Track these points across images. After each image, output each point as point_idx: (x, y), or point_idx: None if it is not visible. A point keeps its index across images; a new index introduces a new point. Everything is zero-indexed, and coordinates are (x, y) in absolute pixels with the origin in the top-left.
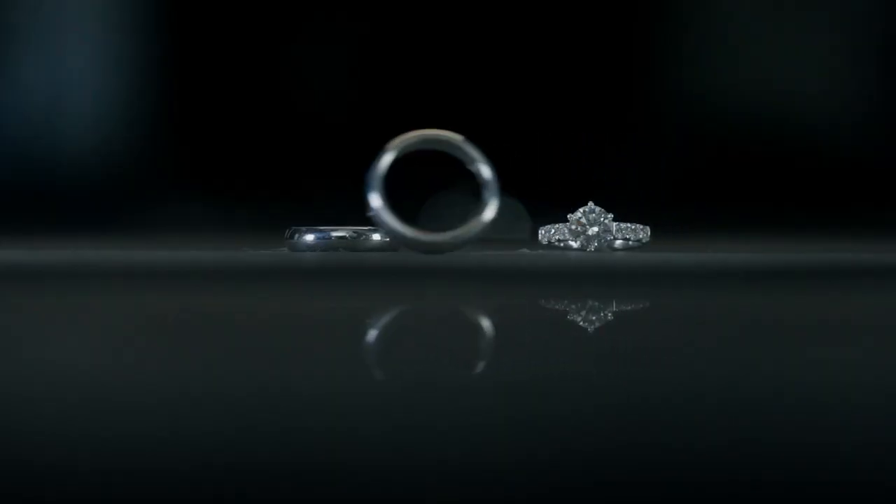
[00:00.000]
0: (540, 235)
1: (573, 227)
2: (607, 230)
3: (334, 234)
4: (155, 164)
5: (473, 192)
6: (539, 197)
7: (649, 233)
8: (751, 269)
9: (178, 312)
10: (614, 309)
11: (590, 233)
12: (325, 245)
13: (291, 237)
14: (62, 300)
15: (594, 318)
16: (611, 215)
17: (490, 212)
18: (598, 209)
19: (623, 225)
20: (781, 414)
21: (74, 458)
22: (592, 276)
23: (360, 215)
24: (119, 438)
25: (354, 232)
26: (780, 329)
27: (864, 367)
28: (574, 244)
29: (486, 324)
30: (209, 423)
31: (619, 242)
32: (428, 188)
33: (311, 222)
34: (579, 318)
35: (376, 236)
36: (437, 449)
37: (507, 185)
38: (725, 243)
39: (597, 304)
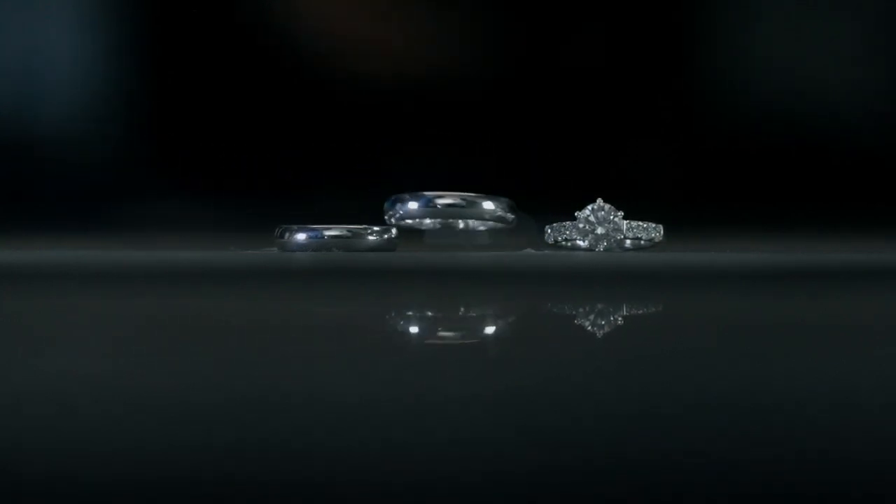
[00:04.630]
0: (546, 235)
1: (581, 225)
2: (617, 229)
3: (327, 232)
4: (138, 160)
5: None
6: (545, 193)
7: (662, 232)
8: (767, 269)
9: (160, 316)
10: (624, 313)
11: (599, 232)
12: (318, 244)
13: (282, 236)
14: (43, 301)
15: (602, 322)
16: (621, 213)
17: None
18: (607, 207)
19: (634, 223)
20: (797, 418)
21: (50, 462)
22: (601, 277)
23: (355, 213)
24: (97, 442)
25: (349, 230)
26: (797, 332)
27: (883, 370)
28: (582, 244)
29: (485, 328)
30: (194, 427)
31: (629, 242)
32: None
33: (303, 220)
34: (586, 323)
35: (372, 235)
36: (444, 457)
37: (511, 182)
38: (742, 242)
39: (605, 308)
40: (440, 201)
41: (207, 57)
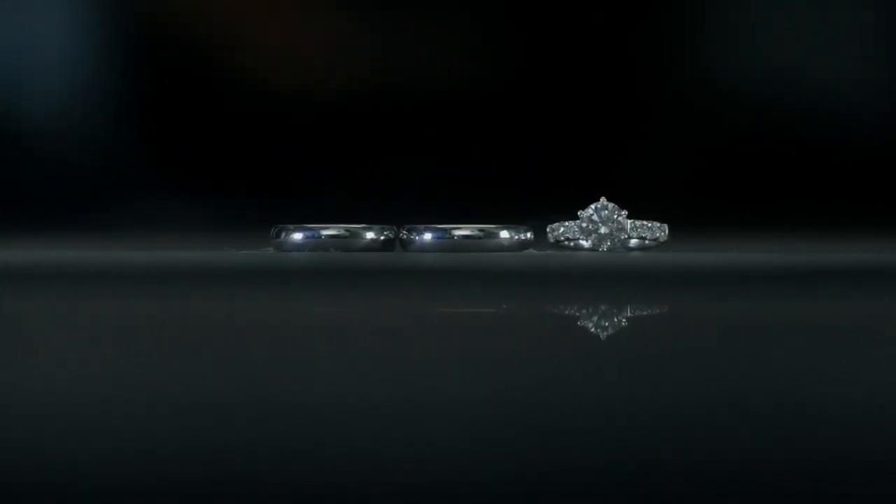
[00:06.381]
0: (548, 234)
1: (584, 224)
2: (621, 228)
3: (324, 232)
4: (135, 161)
5: None
6: (545, 193)
7: (667, 231)
8: (771, 269)
9: (154, 317)
10: (628, 315)
11: (602, 231)
12: (315, 244)
13: (278, 236)
14: (42, 302)
15: (606, 324)
16: (625, 212)
17: None
18: (611, 205)
19: (638, 223)
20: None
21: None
22: (604, 278)
23: (352, 212)
24: (95, 443)
25: (346, 230)
26: (799, 333)
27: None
28: (585, 243)
29: (486, 330)
30: (192, 428)
31: (633, 242)
32: None
33: (300, 220)
34: (589, 325)
35: (370, 234)
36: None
37: (514, 179)
38: (747, 242)
39: (609, 310)
40: (456, 233)
41: (206, 56)
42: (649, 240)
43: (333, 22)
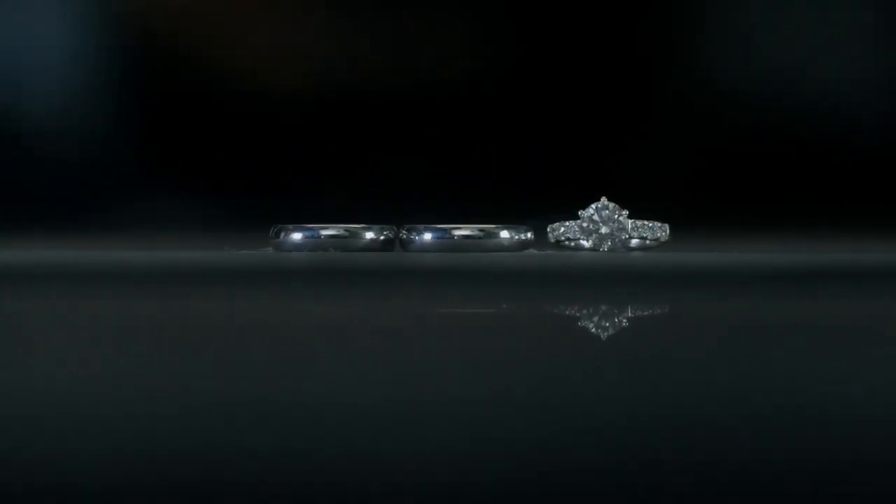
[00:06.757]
0: (548, 234)
1: (585, 224)
2: (622, 228)
3: (324, 232)
4: (134, 160)
5: None
6: (545, 193)
7: (668, 231)
8: (772, 269)
9: (154, 317)
10: (628, 315)
11: (603, 231)
12: (315, 244)
13: (277, 236)
14: (33, 302)
15: (606, 325)
16: (626, 212)
17: None
18: (611, 205)
19: (639, 223)
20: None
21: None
22: (604, 278)
23: (352, 212)
24: (94, 443)
25: (346, 230)
26: (800, 333)
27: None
28: (585, 243)
29: (486, 330)
30: (186, 433)
31: (634, 242)
32: None
33: (300, 220)
34: (590, 325)
35: (370, 234)
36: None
37: (514, 179)
38: (749, 242)
39: (609, 310)
40: (456, 233)
41: (205, 56)
42: (650, 240)
43: (333, 22)
